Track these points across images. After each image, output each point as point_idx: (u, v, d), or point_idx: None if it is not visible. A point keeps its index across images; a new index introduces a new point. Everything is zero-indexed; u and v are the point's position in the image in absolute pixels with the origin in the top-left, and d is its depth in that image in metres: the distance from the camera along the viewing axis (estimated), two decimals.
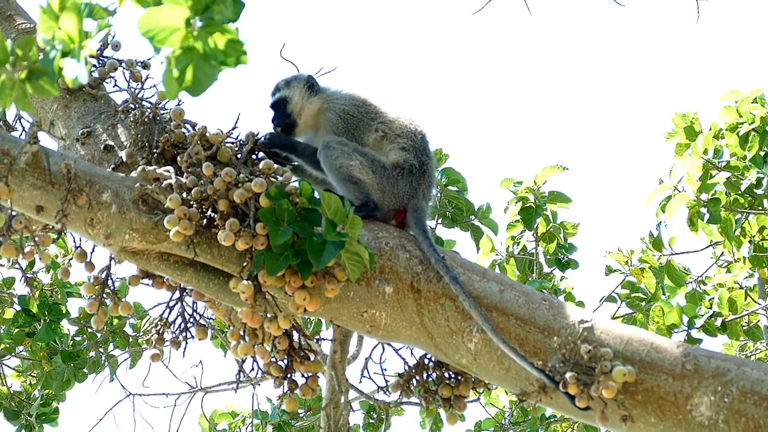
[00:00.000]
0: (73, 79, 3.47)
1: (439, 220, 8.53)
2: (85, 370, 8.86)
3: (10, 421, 8.97)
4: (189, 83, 3.42)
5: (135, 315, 8.89)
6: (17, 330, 8.69)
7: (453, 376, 4.79)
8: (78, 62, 3.47)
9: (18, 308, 8.76)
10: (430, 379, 4.81)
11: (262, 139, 4.93)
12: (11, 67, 3.47)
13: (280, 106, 5.23)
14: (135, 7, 3.53)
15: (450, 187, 8.45)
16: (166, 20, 3.42)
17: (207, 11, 3.43)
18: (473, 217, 8.62)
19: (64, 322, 8.79)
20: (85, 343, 8.87)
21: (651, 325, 8.39)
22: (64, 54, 3.49)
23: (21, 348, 8.85)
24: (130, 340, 8.96)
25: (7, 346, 8.81)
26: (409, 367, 4.83)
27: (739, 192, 8.70)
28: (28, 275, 8.72)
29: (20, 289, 8.86)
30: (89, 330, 8.82)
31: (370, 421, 8.73)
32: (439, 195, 8.42)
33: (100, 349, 8.87)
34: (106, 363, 8.88)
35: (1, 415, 8.99)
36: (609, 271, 9.06)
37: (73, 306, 8.89)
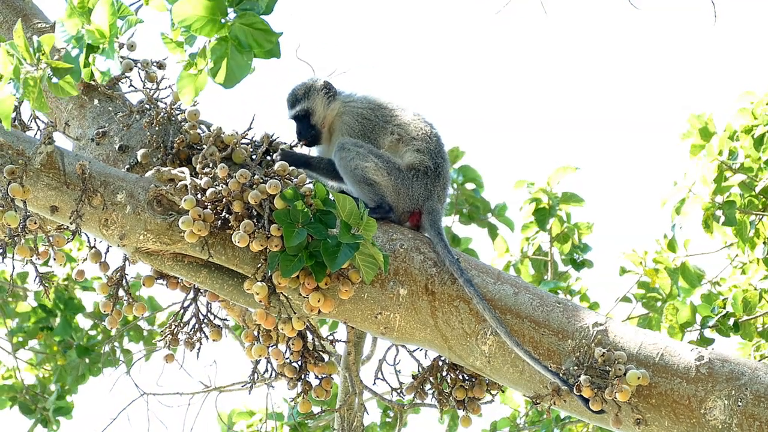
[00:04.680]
0: (105, 72, 3.49)
1: (456, 217, 8.54)
2: (99, 364, 8.88)
3: (26, 415, 8.99)
4: (223, 75, 3.44)
5: (150, 309, 8.91)
6: (32, 325, 8.71)
7: (467, 378, 4.80)
8: (110, 56, 3.48)
9: (32, 303, 8.78)
10: (445, 381, 4.81)
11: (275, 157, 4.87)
12: (35, 64, 3.48)
13: (302, 118, 5.14)
14: (154, 10, 3.55)
15: (467, 185, 8.45)
16: (202, 10, 3.43)
17: (241, 2, 3.44)
18: (490, 215, 8.62)
19: (79, 317, 8.82)
20: (99, 337, 8.89)
21: (664, 323, 8.36)
22: (91, 49, 3.50)
23: (34, 341, 8.87)
24: (145, 333, 8.98)
25: (21, 339, 8.83)
26: (423, 369, 4.84)
27: (754, 194, 8.67)
28: (44, 268, 8.73)
29: (33, 285, 8.88)
30: (103, 324, 8.84)
31: (387, 420, 8.73)
32: (456, 192, 8.41)
33: (115, 344, 8.90)
34: (121, 359, 8.89)
35: (16, 408, 9.01)
36: (623, 271, 9.03)
37: (88, 300, 8.92)
